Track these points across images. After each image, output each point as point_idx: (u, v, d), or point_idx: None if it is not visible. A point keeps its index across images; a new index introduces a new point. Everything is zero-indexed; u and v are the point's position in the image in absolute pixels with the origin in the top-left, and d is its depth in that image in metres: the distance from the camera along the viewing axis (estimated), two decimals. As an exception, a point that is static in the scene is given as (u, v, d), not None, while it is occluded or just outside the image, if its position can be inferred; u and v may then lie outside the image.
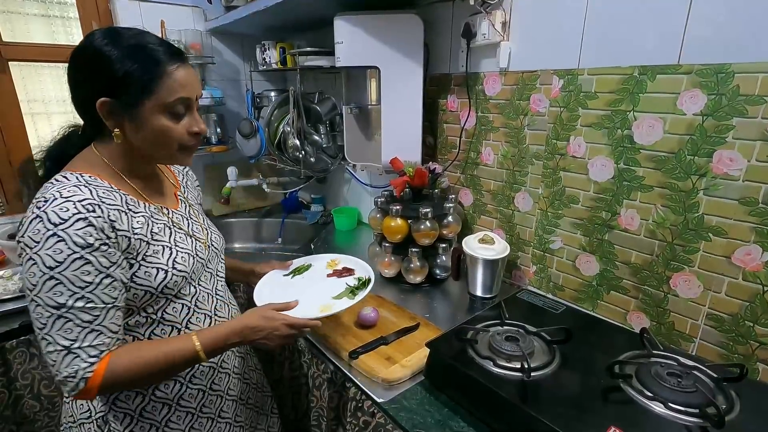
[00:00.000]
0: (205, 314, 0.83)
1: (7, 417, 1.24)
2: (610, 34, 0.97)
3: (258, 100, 1.97)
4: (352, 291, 1.05)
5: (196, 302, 0.81)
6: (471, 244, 1.23)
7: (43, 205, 0.63)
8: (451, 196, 1.37)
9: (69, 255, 0.62)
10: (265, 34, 1.96)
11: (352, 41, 1.30)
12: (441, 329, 1.05)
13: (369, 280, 1.07)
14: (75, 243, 0.63)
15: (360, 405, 0.90)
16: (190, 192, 0.94)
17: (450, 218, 1.31)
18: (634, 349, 0.85)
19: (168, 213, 0.80)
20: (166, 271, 0.74)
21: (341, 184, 2.08)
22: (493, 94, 1.25)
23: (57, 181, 0.68)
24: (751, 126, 0.80)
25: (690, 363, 0.79)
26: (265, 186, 2.05)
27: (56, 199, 0.64)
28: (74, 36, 1.81)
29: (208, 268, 0.86)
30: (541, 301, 1.08)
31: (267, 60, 1.81)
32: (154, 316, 0.76)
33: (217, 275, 0.90)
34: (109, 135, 0.73)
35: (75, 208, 0.63)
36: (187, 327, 0.80)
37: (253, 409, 1.00)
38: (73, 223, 0.63)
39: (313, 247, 1.74)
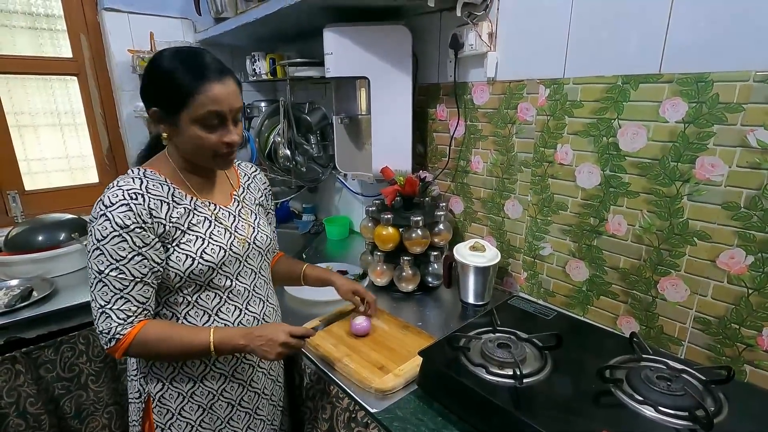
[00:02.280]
0: (235, 306, 0.89)
1: (-8, 436, 1.21)
2: (593, 44, 0.99)
3: (248, 110, 1.97)
4: (356, 281, 1.31)
5: (229, 294, 0.88)
6: (462, 252, 1.23)
7: (106, 191, 0.77)
8: (441, 204, 1.38)
9: (110, 232, 0.74)
10: (255, 45, 1.97)
11: (342, 52, 1.32)
12: (434, 337, 1.05)
13: (364, 272, 1.42)
14: (116, 223, 0.74)
15: (353, 416, 0.90)
16: (251, 194, 1.00)
17: (441, 226, 1.31)
18: (624, 353, 0.86)
19: (214, 208, 0.89)
20: (194, 259, 0.82)
21: (332, 194, 2.08)
22: (482, 103, 1.27)
23: (126, 174, 0.81)
24: (731, 133, 0.82)
25: (679, 366, 0.80)
26: (255, 196, 2.04)
27: (113, 187, 0.77)
28: (61, 48, 1.79)
29: (247, 263, 0.91)
30: (533, 308, 1.08)
31: (257, 71, 1.81)
32: (189, 298, 0.85)
33: (260, 273, 0.95)
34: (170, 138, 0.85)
35: (123, 195, 0.75)
36: (217, 315, 0.87)
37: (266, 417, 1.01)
38: (118, 206, 0.75)
39: (305, 256, 1.74)
